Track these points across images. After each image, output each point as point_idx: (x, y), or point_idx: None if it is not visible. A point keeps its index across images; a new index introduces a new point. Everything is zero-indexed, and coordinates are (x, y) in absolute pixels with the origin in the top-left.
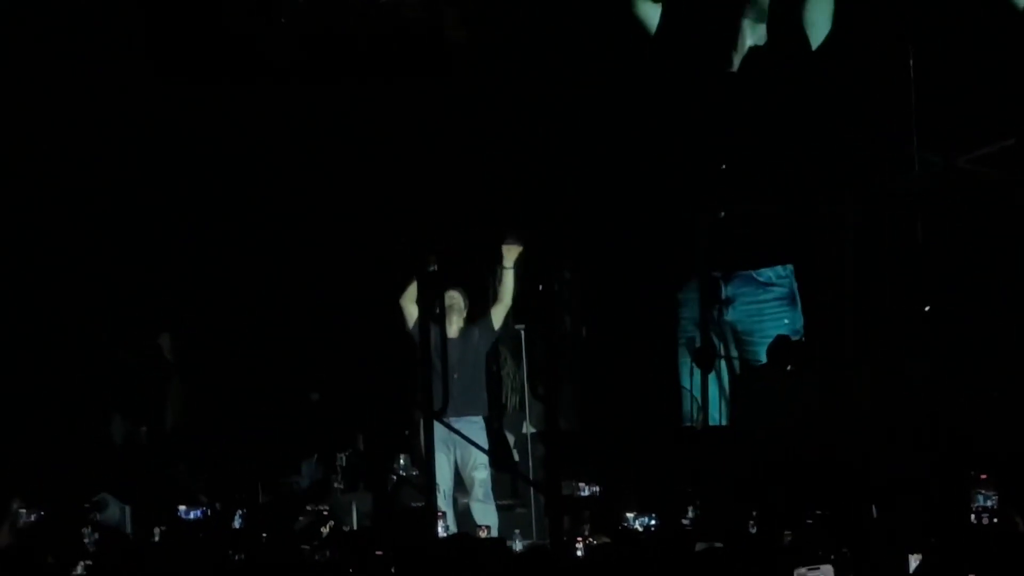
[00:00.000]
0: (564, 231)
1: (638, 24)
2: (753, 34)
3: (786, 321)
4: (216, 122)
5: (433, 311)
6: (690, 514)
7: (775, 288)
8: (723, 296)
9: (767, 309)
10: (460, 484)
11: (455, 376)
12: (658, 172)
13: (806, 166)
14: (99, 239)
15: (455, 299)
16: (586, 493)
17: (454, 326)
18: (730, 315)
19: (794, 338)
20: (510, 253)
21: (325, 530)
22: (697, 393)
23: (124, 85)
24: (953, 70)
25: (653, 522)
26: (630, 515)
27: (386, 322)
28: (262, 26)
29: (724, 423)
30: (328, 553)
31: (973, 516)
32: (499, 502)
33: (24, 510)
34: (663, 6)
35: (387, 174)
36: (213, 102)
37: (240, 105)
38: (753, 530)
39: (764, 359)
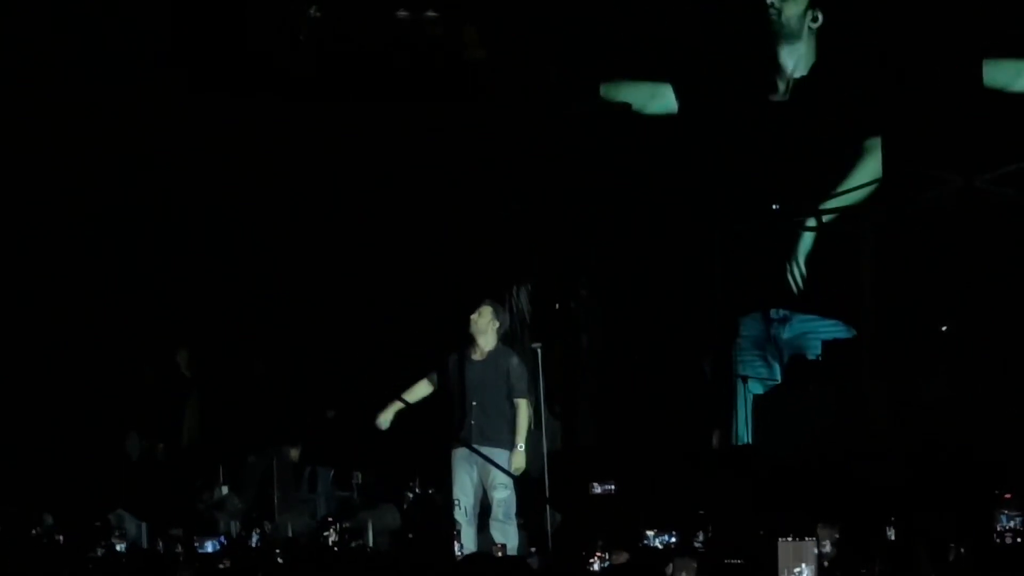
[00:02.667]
0: (581, 250)
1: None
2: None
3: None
4: (237, 139)
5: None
6: (701, 537)
7: None
8: (779, 315)
9: (821, 328)
10: (482, 503)
11: (474, 403)
12: (677, 190)
13: (823, 184)
14: (118, 254)
15: (484, 314)
16: (599, 491)
17: (480, 348)
18: (786, 334)
19: None
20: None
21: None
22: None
23: (150, 101)
24: (973, 90)
25: (673, 540)
26: (650, 532)
27: (408, 341)
28: (282, 43)
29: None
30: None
31: (996, 536)
32: (519, 520)
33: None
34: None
35: (407, 193)
36: (236, 119)
37: (263, 122)
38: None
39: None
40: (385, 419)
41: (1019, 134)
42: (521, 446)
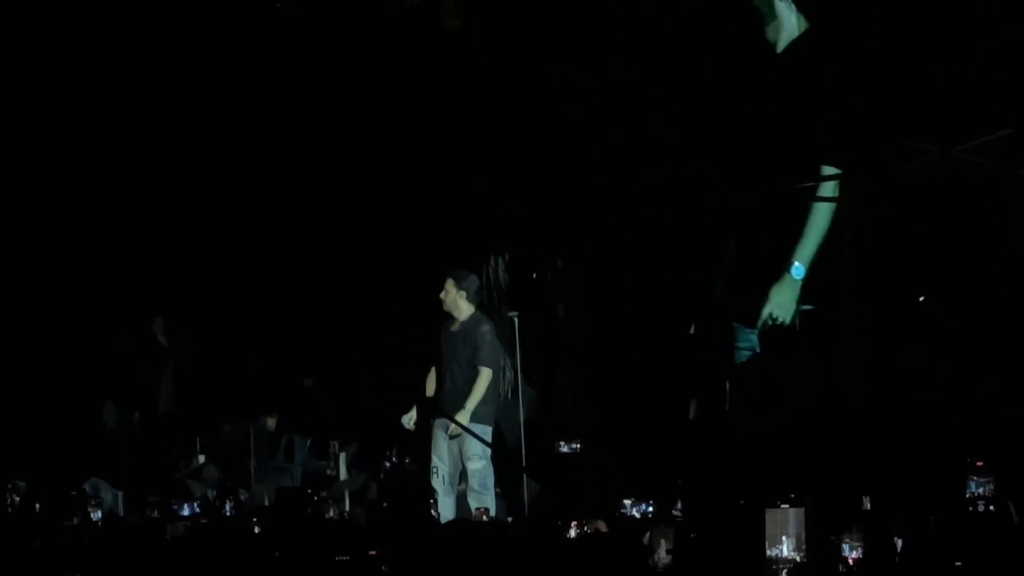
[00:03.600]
0: (557, 222)
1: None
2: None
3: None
4: (208, 109)
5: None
6: (679, 506)
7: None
8: None
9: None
10: (460, 474)
11: (447, 373)
12: (654, 161)
13: (802, 155)
14: (93, 223)
15: (449, 288)
16: (566, 450)
17: (456, 319)
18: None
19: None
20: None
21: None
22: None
23: (120, 73)
24: (950, 60)
25: (650, 510)
26: (627, 502)
27: (384, 309)
28: (259, 13)
29: None
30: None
31: (968, 504)
32: (496, 490)
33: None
34: None
35: (384, 162)
36: (205, 88)
37: (234, 93)
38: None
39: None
40: (409, 419)
41: (997, 104)
42: (468, 407)
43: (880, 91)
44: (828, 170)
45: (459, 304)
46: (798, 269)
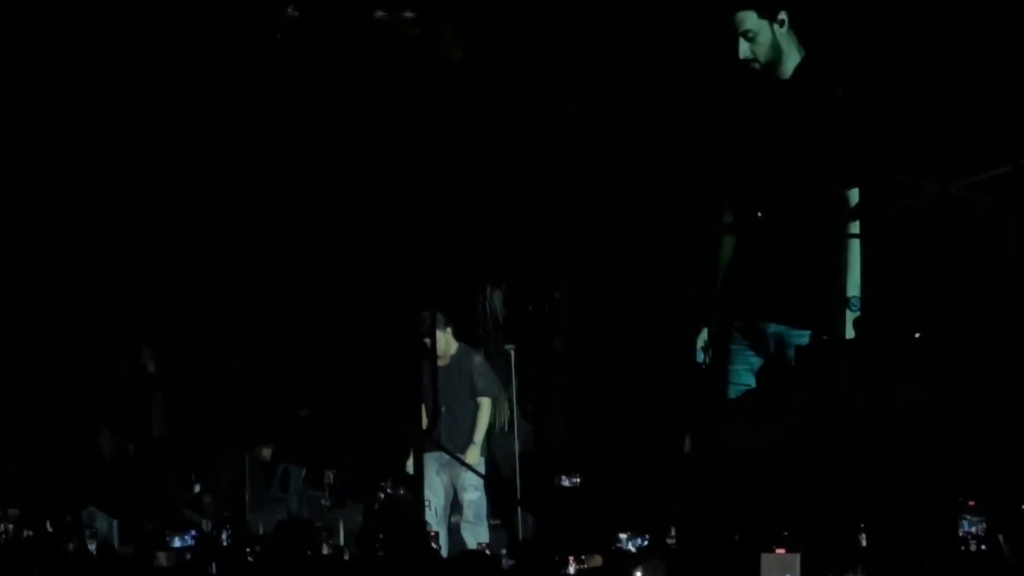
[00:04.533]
0: (554, 253)
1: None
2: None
3: None
4: (205, 136)
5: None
6: (673, 533)
7: None
8: None
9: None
10: (452, 505)
11: (443, 408)
12: (652, 192)
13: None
14: (86, 249)
15: (439, 337)
16: (567, 484)
17: (444, 354)
18: (772, 327)
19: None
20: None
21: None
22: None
23: (115, 96)
24: (949, 96)
25: (646, 543)
26: (623, 535)
27: (378, 339)
28: (257, 41)
29: None
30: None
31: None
32: (490, 523)
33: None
34: None
35: (378, 192)
36: (204, 115)
37: (231, 119)
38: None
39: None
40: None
41: (996, 140)
42: (477, 441)
43: (877, 125)
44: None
45: (449, 343)
46: (855, 303)
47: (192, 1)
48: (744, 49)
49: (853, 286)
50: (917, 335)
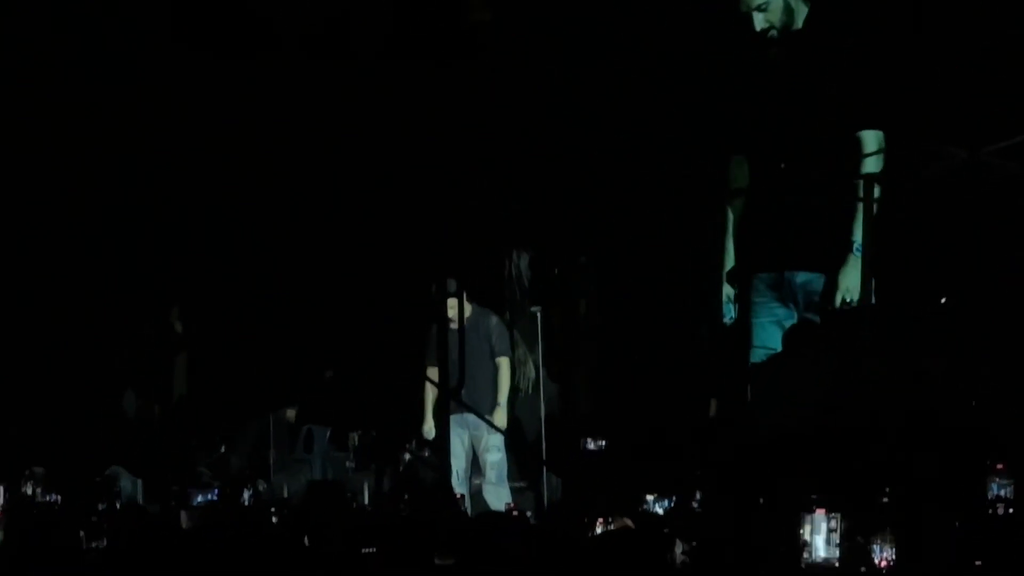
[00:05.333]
0: (580, 216)
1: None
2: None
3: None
4: (231, 99)
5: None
6: (698, 497)
7: None
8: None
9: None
10: (474, 467)
11: (462, 370)
12: (680, 160)
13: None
14: (114, 210)
15: (452, 304)
16: (592, 447)
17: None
18: (799, 277)
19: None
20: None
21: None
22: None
23: (141, 61)
24: (977, 61)
25: (673, 505)
26: (650, 497)
27: (403, 300)
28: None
29: None
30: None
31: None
32: (512, 484)
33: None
34: None
35: (403, 155)
36: (226, 77)
37: (255, 82)
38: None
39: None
40: (429, 427)
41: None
42: (503, 403)
43: (904, 92)
44: (867, 141)
45: (467, 307)
46: (859, 248)
47: None
48: (759, 20)
49: (858, 230)
50: (943, 300)
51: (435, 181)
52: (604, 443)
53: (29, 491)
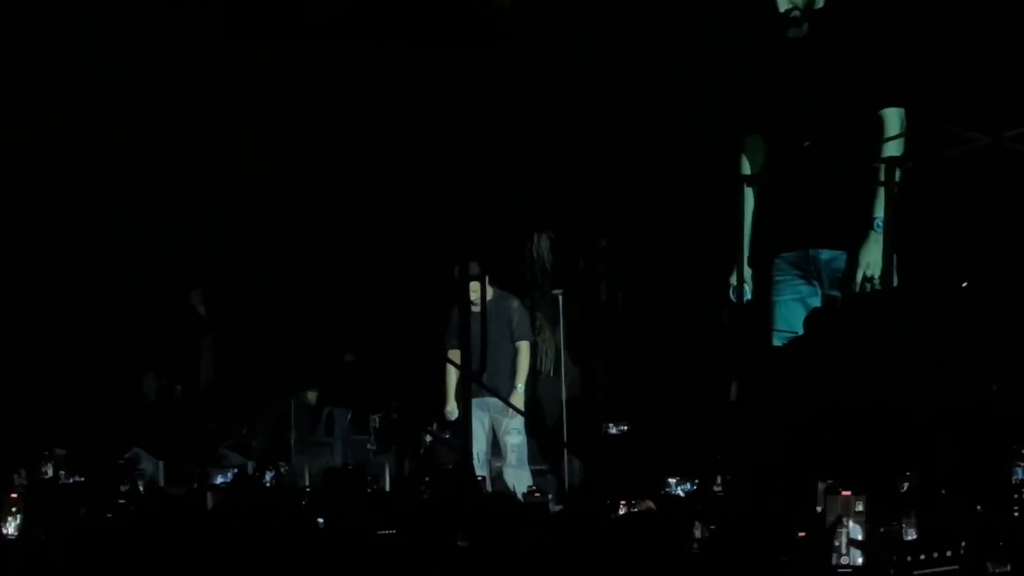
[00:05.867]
0: (601, 200)
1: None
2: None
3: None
4: (260, 88)
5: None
6: (719, 481)
7: None
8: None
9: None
10: (494, 449)
11: (483, 353)
12: (700, 143)
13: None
14: (135, 196)
15: (474, 288)
16: (614, 431)
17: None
18: (824, 255)
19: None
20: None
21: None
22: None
23: (159, 44)
24: (1001, 46)
25: (695, 488)
26: (672, 480)
27: (424, 283)
28: None
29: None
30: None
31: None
32: (533, 467)
33: (63, 471)
34: None
35: (425, 141)
36: (246, 63)
37: (285, 69)
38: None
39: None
40: (452, 408)
41: None
42: (520, 387)
43: (926, 76)
44: (890, 120)
45: (488, 290)
46: (879, 224)
47: None
48: (783, 2)
49: (879, 207)
50: (964, 284)
51: (457, 166)
52: (626, 427)
53: (49, 472)
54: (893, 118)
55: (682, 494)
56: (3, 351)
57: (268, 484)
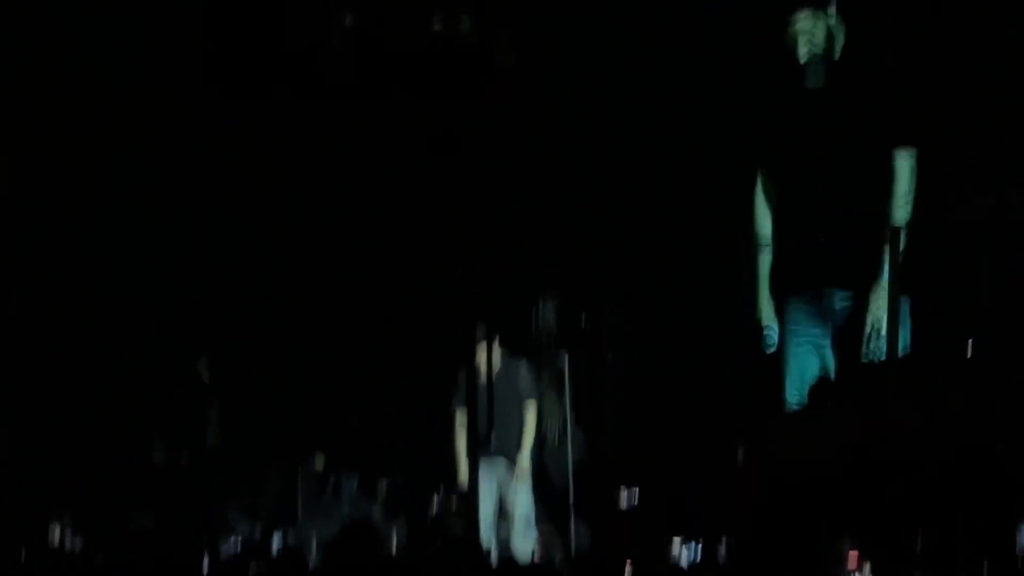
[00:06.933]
0: (606, 262)
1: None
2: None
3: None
4: (254, 143)
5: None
6: (724, 542)
7: None
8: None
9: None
10: (502, 512)
11: (491, 416)
12: (705, 201)
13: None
14: (141, 258)
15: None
16: (625, 497)
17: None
18: (837, 304)
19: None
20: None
21: None
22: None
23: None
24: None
25: (699, 548)
26: (677, 539)
27: (430, 349)
28: (316, 45)
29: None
30: None
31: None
32: (541, 529)
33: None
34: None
35: (431, 202)
36: (250, 123)
37: (284, 124)
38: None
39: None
40: (464, 473)
41: None
42: (530, 448)
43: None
44: (900, 166)
45: (495, 352)
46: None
47: (247, 6)
48: (803, 47)
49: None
50: (970, 342)
51: (463, 226)
52: (637, 492)
53: (56, 539)
54: (904, 158)
55: (687, 553)
56: (10, 415)
57: (275, 549)
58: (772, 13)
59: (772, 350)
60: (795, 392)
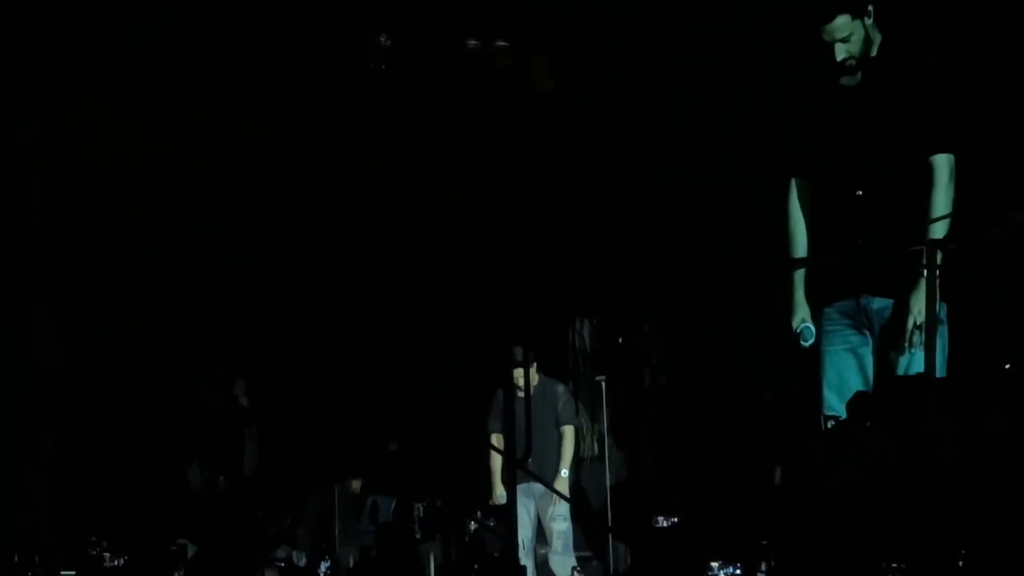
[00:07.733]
0: (644, 285)
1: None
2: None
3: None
4: (298, 165)
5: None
6: (764, 568)
7: None
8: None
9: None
10: (539, 536)
11: (528, 438)
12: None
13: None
14: (180, 283)
15: (518, 375)
16: (664, 524)
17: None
18: (875, 304)
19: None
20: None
21: None
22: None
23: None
24: None
25: (738, 572)
26: (715, 564)
27: (467, 370)
28: (351, 69)
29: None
30: None
31: None
32: (578, 554)
33: (108, 554)
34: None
35: (473, 224)
36: (294, 147)
37: (322, 150)
38: None
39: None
40: (500, 493)
41: None
42: (565, 472)
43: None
44: (939, 167)
45: (533, 375)
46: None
47: (284, 29)
48: (840, 51)
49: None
50: (1008, 366)
51: (501, 250)
52: (676, 519)
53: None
54: (943, 165)
55: None
56: (51, 439)
57: (315, 571)
58: (808, 19)
59: (808, 343)
60: (834, 399)
